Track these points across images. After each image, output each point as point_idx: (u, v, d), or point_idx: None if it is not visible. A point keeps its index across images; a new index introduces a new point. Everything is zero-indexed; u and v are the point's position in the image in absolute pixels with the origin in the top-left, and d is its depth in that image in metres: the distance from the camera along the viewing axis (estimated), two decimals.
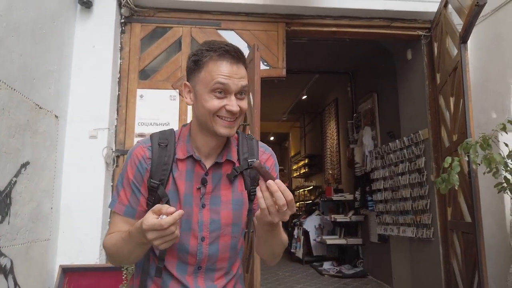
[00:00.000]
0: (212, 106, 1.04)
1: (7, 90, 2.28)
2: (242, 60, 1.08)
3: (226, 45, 1.07)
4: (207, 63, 1.05)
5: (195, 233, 1.08)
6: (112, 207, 1.12)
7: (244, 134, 1.23)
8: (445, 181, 2.09)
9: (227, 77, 1.04)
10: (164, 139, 1.13)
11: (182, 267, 1.09)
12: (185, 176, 1.10)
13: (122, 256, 1.06)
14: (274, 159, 1.22)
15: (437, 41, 3.53)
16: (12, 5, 2.32)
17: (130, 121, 3.39)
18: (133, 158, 1.11)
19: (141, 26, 3.54)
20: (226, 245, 1.12)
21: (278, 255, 1.15)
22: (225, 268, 1.13)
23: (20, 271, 2.47)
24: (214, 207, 1.10)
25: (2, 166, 2.24)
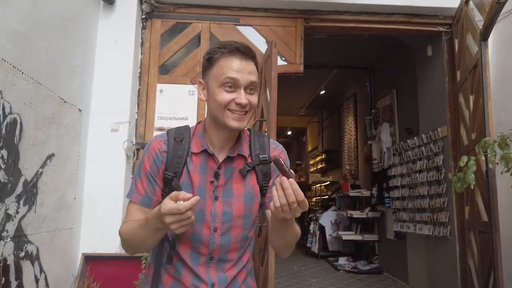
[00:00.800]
0: (223, 99, 1.11)
1: (34, 85, 2.38)
2: (251, 56, 1.14)
3: (237, 43, 1.13)
4: (219, 60, 1.12)
5: (208, 223, 1.14)
6: (129, 197, 1.19)
7: (256, 131, 1.28)
8: (460, 180, 2.09)
9: (236, 72, 1.10)
10: (179, 134, 1.20)
11: (195, 257, 1.14)
12: (199, 169, 1.16)
13: (137, 242, 1.12)
14: (285, 155, 1.27)
15: (458, 37, 3.48)
16: (39, 3, 2.41)
17: (150, 115, 3.48)
18: (150, 151, 1.18)
19: (161, 22, 3.61)
20: (237, 236, 1.17)
21: (290, 246, 1.18)
22: (235, 258, 1.18)
23: (45, 258, 2.59)
24: (226, 199, 1.16)
25: (29, 158, 2.35)
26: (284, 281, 5.07)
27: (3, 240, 2.12)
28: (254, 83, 1.13)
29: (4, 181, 2.11)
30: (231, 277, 1.16)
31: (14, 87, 2.17)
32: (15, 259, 2.25)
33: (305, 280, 5.18)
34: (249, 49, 1.14)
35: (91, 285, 2.89)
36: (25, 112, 2.28)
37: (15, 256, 2.25)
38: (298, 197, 0.94)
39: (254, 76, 1.13)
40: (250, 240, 1.23)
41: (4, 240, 2.14)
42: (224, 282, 1.15)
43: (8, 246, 2.18)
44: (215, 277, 1.14)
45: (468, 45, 3.20)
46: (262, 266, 2.88)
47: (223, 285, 1.15)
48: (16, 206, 2.24)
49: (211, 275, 1.14)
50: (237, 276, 1.18)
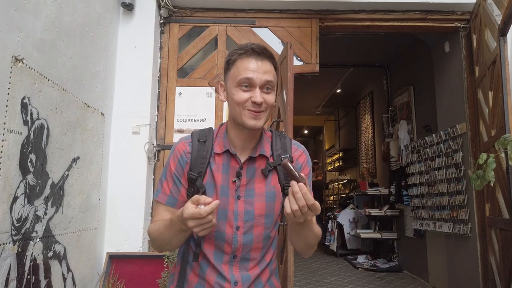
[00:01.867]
0: (239, 98, 1.15)
1: (60, 91, 2.48)
2: (267, 56, 1.18)
3: (253, 44, 1.18)
4: (236, 61, 1.18)
5: (231, 222, 1.18)
6: (156, 197, 1.25)
7: (278, 132, 1.31)
8: (480, 177, 2.08)
9: (251, 72, 1.14)
10: (203, 136, 1.25)
11: (218, 256, 1.19)
12: (221, 169, 1.21)
13: (164, 241, 1.17)
14: (306, 156, 1.29)
15: (476, 33, 3.45)
16: (63, 11, 2.51)
17: (169, 118, 3.56)
18: (175, 152, 1.24)
19: (179, 26, 3.69)
20: (260, 235, 1.20)
21: (311, 246, 1.21)
22: (258, 257, 1.21)
23: (72, 257, 2.69)
24: (248, 198, 1.19)
25: (56, 161, 2.45)
26: (303, 279, 5.10)
27: (32, 240, 2.22)
28: (270, 82, 1.16)
29: (33, 184, 2.21)
30: (254, 276, 1.19)
31: (41, 94, 2.27)
32: (44, 258, 2.35)
33: (324, 278, 5.20)
34: (264, 49, 1.18)
35: (115, 284, 2.99)
36: (51, 117, 2.38)
37: (44, 256, 2.35)
38: (308, 201, 0.97)
39: (269, 75, 1.16)
40: (273, 240, 1.25)
41: (34, 241, 2.24)
42: (247, 280, 1.18)
43: (37, 246, 2.27)
44: (238, 276, 1.18)
45: (487, 41, 3.17)
46: (282, 264, 2.93)
47: (246, 284, 1.18)
48: (44, 207, 2.34)
49: (235, 273, 1.18)
50: (260, 275, 1.21)
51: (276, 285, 1.27)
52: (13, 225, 2.02)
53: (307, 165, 1.28)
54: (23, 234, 2.11)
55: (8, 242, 1.98)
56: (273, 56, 1.21)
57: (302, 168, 1.26)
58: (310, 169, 1.29)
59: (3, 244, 1.94)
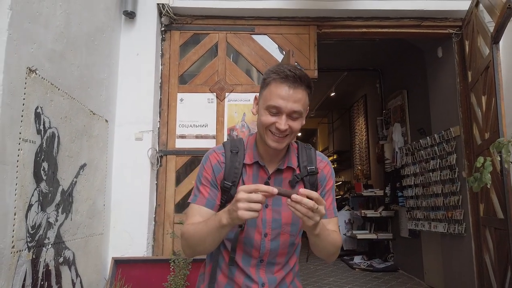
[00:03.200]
0: (265, 120, 1.21)
1: (69, 100, 2.53)
2: (300, 84, 1.19)
3: (290, 70, 1.20)
4: (270, 84, 1.21)
5: (259, 229, 1.26)
6: (194, 201, 1.29)
7: (303, 144, 1.39)
8: (477, 180, 2.18)
9: (281, 100, 1.18)
10: (235, 147, 1.32)
11: (246, 259, 1.27)
12: (252, 179, 1.29)
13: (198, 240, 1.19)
14: (330, 167, 1.37)
15: (469, 39, 3.57)
16: (71, 22, 2.56)
17: (171, 124, 3.62)
18: (210, 161, 1.31)
19: (180, 34, 3.75)
20: (286, 242, 1.28)
21: (332, 254, 1.28)
22: (283, 262, 1.30)
23: (80, 263, 2.74)
24: (276, 207, 1.27)
25: (65, 168, 2.50)
26: (302, 280, 5.13)
27: (45, 247, 2.27)
28: (298, 112, 1.19)
29: (46, 192, 2.26)
30: (280, 278, 1.28)
31: (52, 103, 2.32)
32: (55, 264, 2.40)
33: (322, 279, 5.28)
34: (299, 77, 1.18)
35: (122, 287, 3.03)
36: (61, 126, 2.43)
37: (55, 262, 2.39)
38: (314, 197, 1.04)
39: (299, 105, 1.19)
40: (297, 246, 1.34)
41: (46, 247, 2.28)
42: (273, 282, 1.27)
43: (49, 253, 2.32)
44: (265, 278, 1.26)
45: (479, 47, 3.29)
46: None
47: (272, 285, 1.26)
48: (56, 214, 2.39)
49: (261, 275, 1.26)
50: (285, 277, 1.30)
51: (298, 285, 1.37)
52: (28, 232, 2.07)
53: (331, 177, 1.36)
54: (37, 241, 2.16)
55: (24, 249, 2.03)
56: (309, 83, 1.22)
57: (327, 179, 1.34)
58: (334, 180, 1.37)
59: (19, 251, 1.98)
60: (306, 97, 1.23)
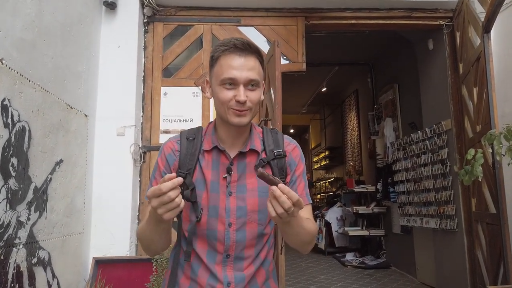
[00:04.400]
0: (223, 97, 1.11)
1: (41, 92, 2.40)
2: (251, 51, 1.12)
3: (237, 39, 1.13)
4: (219, 58, 1.13)
5: (223, 219, 1.14)
6: (146, 197, 1.19)
7: (268, 128, 1.28)
8: (468, 173, 2.10)
9: (235, 70, 1.10)
10: (192, 134, 1.23)
11: (211, 255, 1.15)
12: (211, 165, 1.18)
13: (147, 240, 1.14)
14: (299, 150, 1.26)
15: (459, 30, 3.49)
16: (43, 10, 2.43)
17: (155, 118, 3.50)
18: (163, 151, 1.21)
19: (163, 25, 3.63)
20: (253, 232, 1.16)
21: (307, 243, 1.17)
22: (252, 255, 1.17)
23: (57, 263, 2.61)
24: (240, 194, 1.16)
25: (38, 165, 2.37)
26: (293, 278, 5.09)
27: (15, 247, 2.14)
28: (254, 80, 1.12)
29: (15, 189, 2.13)
30: (249, 276, 1.15)
31: (22, 95, 2.19)
32: (28, 265, 2.27)
33: (313, 276, 5.20)
34: (248, 45, 1.12)
35: None
36: (33, 120, 2.30)
37: (28, 263, 2.27)
38: (293, 199, 0.94)
39: (254, 73, 1.11)
40: (268, 237, 1.21)
41: (17, 247, 2.16)
42: (241, 281, 1.14)
43: (21, 253, 2.20)
44: (231, 276, 1.13)
45: (470, 38, 3.21)
46: None
47: (240, 285, 1.14)
48: (27, 213, 2.27)
49: (228, 273, 1.14)
50: (255, 275, 1.17)
51: (273, 287, 1.23)
52: None
53: (301, 160, 1.25)
54: (5, 240, 2.04)
55: None
56: (259, 50, 1.15)
57: (296, 163, 1.23)
58: (304, 164, 1.26)
59: None
60: (259, 66, 1.15)
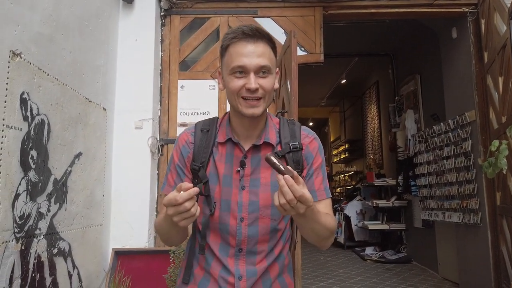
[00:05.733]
0: (233, 86, 1.08)
1: (60, 86, 2.44)
2: (260, 37, 1.08)
3: (246, 26, 1.10)
4: (228, 47, 1.10)
5: (235, 213, 1.12)
6: (162, 190, 1.21)
7: (286, 119, 1.23)
8: (492, 165, 2.01)
9: (244, 57, 1.07)
10: (206, 125, 1.20)
11: (224, 248, 1.13)
12: (224, 158, 1.15)
13: (164, 235, 1.15)
14: (317, 143, 1.20)
15: (485, 17, 3.36)
16: (61, 5, 2.46)
17: (172, 111, 3.51)
18: (178, 143, 1.20)
19: (180, 18, 3.63)
20: (266, 227, 1.13)
21: (324, 238, 1.12)
22: (266, 250, 1.14)
23: (78, 254, 2.67)
24: (253, 189, 1.13)
25: (58, 157, 2.42)
26: (311, 271, 5.07)
27: (36, 237, 2.19)
28: (265, 67, 1.08)
29: (35, 181, 2.18)
30: (261, 270, 1.13)
31: (41, 89, 2.23)
32: (49, 256, 2.32)
33: (332, 270, 5.16)
34: (256, 31, 1.08)
35: (122, 280, 2.96)
36: (52, 113, 2.34)
37: (49, 253, 2.32)
38: (295, 193, 0.90)
39: (264, 59, 1.08)
40: (283, 232, 1.18)
41: (38, 238, 2.21)
42: (253, 275, 1.12)
43: (41, 244, 2.25)
44: (243, 270, 1.12)
45: (496, 25, 3.08)
46: None
47: (252, 279, 1.12)
48: (48, 204, 2.31)
49: (240, 267, 1.12)
50: (268, 269, 1.14)
51: (288, 282, 1.19)
52: (16, 222, 2.00)
53: (319, 153, 1.19)
54: (26, 231, 2.09)
55: (11, 240, 1.95)
56: (269, 36, 1.11)
57: (314, 156, 1.18)
58: (323, 157, 1.21)
59: (5, 242, 1.91)
60: (271, 51, 1.11)
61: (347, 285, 4.43)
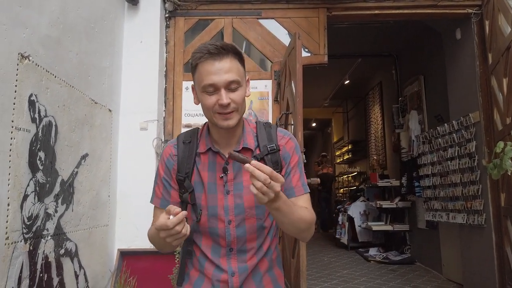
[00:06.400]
0: (207, 103, 1.14)
1: (67, 88, 2.46)
2: (226, 53, 1.12)
3: (211, 44, 1.14)
4: (197, 66, 1.15)
5: (222, 217, 1.19)
6: (151, 201, 1.29)
7: (262, 123, 1.30)
8: (497, 166, 2.02)
9: (212, 75, 1.11)
10: (188, 137, 1.27)
11: (216, 250, 1.21)
12: (207, 167, 1.22)
13: (158, 246, 1.23)
14: (293, 142, 1.27)
15: (489, 19, 3.36)
16: (67, 7, 2.48)
17: (177, 113, 3.53)
18: (162, 157, 1.27)
19: (185, 20, 3.65)
20: (252, 226, 1.21)
21: (302, 230, 1.18)
22: (255, 248, 1.22)
23: (84, 255, 2.69)
24: (237, 192, 1.20)
25: (65, 158, 2.44)
26: (315, 272, 5.07)
27: (44, 238, 2.22)
28: (234, 81, 1.13)
29: (43, 182, 2.20)
30: (252, 266, 1.21)
31: (48, 91, 2.25)
32: (56, 256, 2.35)
33: (336, 271, 5.16)
34: (221, 48, 1.12)
35: (127, 280, 2.98)
36: (59, 115, 2.36)
37: (56, 254, 2.34)
38: (265, 171, 0.96)
39: (232, 73, 1.12)
40: (269, 229, 1.25)
41: (45, 238, 2.23)
42: (245, 271, 1.20)
43: (49, 244, 2.27)
44: (235, 267, 1.20)
45: (500, 26, 3.09)
46: (294, 258, 2.89)
47: (243, 274, 1.20)
48: (55, 205, 2.33)
49: (232, 265, 1.20)
50: (258, 265, 1.22)
51: (277, 274, 1.28)
52: (24, 223, 2.02)
53: (295, 152, 1.26)
54: (34, 232, 2.11)
55: (19, 240, 1.97)
56: (234, 48, 1.16)
57: (291, 155, 1.24)
58: (299, 155, 1.28)
59: (14, 243, 1.93)
60: (238, 64, 1.16)
61: (351, 286, 4.43)
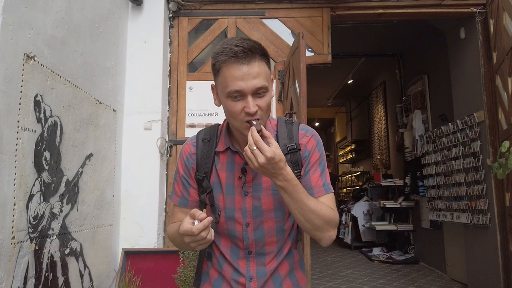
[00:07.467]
0: (232, 110, 1.06)
1: (72, 88, 2.47)
2: (253, 56, 1.04)
3: (237, 44, 1.04)
4: (221, 68, 1.05)
5: (239, 219, 1.15)
6: (170, 199, 1.27)
7: (284, 119, 1.23)
8: (502, 166, 2.01)
9: (239, 81, 1.03)
10: (207, 135, 1.22)
11: (235, 251, 1.18)
12: (226, 167, 1.18)
13: (180, 246, 1.21)
14: (315, 140, 1.19)
15: (493, 18, 3.35)
16: (72, 8, 2.49)
17: (181, 113, 3.54)
18: (182, 155, 1.24)
19: (188, 20, 3.65)
20: (271, 229, 1.16)
21: (317, 227, 1.08)
22: (275, 251, 1.18)
23: (89, 254, 2.70)
24: (256, 194, 1.15)
25: (70, 158, 2.45)
26: (318, 272, 5.07)
27: (49, 238, 2.23)
28: (262, 87, 1.04)
29: (48, 182, 2.21)
30: (271, 270, 1.16)
31: (53, 91, 2.26)
32: (61, 255, 2.36)
33: (339, 271, 5.16)
34: (249, 49, 1.03)
35: (132, 279, 2.99)
36: (64, 115, 2.37)
37: (61, 253, 2.36)
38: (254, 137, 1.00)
39: (260, 79, 1.04)
40: (290, 231, 1.20)
41: (50, 238, 2.24)
42: (263, 276, 1.15)
43: (54, 244, 2.28)
44: (253, 271, 1.16)
45: (505, 25, 3.07)
46: None
47: (262, 279, 1.15)
48: (60, 205, 2.34)
49: (251, 268, 1.16)
50: (277, 269, 1.17)
51: (299, 277, 1.22)
52: (30, 222, 2.03)
53: (317, 150, 1.18)
54: (39, 231, 2.12)
55: (25, 240, 1.98)
56: (261, 49, 1.07)
57: (311, 153, 1.17)
58: (322, 153, 1.20)
59: (20, 242, 1.94)
60: (265, 67, 1.08)
61: (354, 286, 4.42)
